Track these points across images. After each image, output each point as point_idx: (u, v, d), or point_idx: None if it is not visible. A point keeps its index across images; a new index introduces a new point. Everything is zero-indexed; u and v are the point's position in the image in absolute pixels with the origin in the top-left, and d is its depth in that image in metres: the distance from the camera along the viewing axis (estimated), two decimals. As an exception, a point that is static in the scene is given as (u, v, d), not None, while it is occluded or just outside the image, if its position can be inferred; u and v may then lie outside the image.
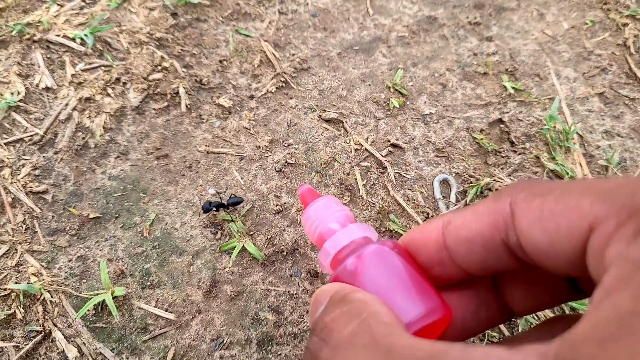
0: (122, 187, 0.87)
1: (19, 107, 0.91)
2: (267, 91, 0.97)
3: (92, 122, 0.91)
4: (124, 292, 0.79)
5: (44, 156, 0.88)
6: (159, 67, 0.96)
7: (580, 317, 0.34)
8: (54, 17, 0.98)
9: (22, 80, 0.93)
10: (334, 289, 0.33)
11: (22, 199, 0.84)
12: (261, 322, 0.77)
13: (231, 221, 0.85)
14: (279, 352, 0.75)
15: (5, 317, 0.76)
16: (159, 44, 0.99)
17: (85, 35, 0.96)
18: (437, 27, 1.10)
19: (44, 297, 0.78)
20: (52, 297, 0.78)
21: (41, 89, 0.93)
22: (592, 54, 1.09)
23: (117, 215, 0.85)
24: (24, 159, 0.87)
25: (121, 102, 0.93)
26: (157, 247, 0.83)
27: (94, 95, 0.92)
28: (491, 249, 0.32)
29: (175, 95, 0.94)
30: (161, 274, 0.81)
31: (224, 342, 0.76)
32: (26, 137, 0.89)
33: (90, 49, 0.96)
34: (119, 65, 0.96)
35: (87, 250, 0.82)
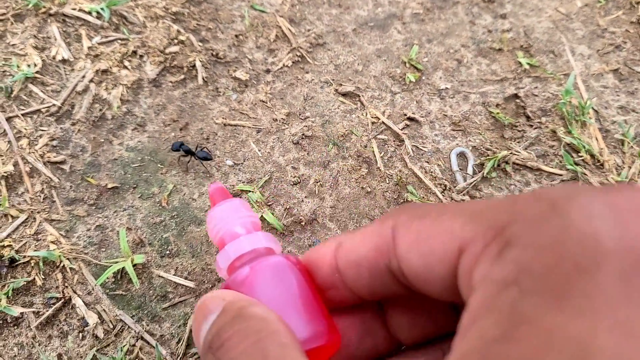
0: (139, 158, 0.87)
1: (36, 78, 0.91)
2: (284, 65, 0.97)
3: (109, 94, 0.91)
4: (143, 260, 0.79)
5: (61, 127, 0.88)
6: (176, 41, 0.96)
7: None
8: (70, -9, 0.98)
9: (39, 52, 0.93)
10: (228, 299, 0.31)
11: (40, 168, 0.84)
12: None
13: (250, 191, 0.84)
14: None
15: (24, 284, 0.76)
16: (175, 18, 0.99)
17: (101, 8, 0.96)
18: (451, 5, 1.10)
19: (64, 265, 0.78)
20: (71, 264, 0.78)
21: (58, 61, 0.93)
22: (606, 32, 1.09)
23: (135, 185, 0.85)
24: (41, 130, 0.87)
25: (138, 74, 0.93)
26: (175, 217, 0.83)
27: (110, 67, 0.92)
28: (377, 274, 0.31)
29: (191, 68, 0.94)
30: (180, 243, 0.81)
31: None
32: (43, 108, 0.89)
33: (106, 22, 0.96)
34: (135, 38, 0.96)
35: (105, 219, 0.82)
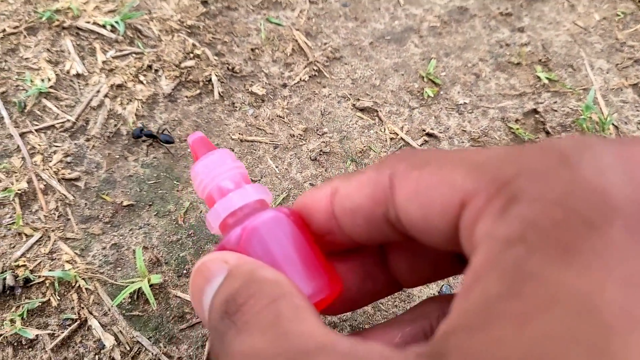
0: (155, 175, 0.86)
1: (50, 93, 0.89)
2: (300, 80, 0.96)
3: (124, 109, 0.89)
4: (160, 280, 0.77)
5: (75, 143, 0.87)
6: (191, 55, 0.94)
7: (451, 297, 0.32)
8: (84, 4, 0.97)
9: (52, 66, 0.91)
10: (231, 262, 0.30)
11: (54, 185, 0.82)
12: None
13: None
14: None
15: (39, 304, 0.74)
16: (190, 32, 0.98)
17: (116, 22, 0.94)
18: (468, 18, 1.08)
19: (79, 285, 0.76)
20: (87, 284, 0.76)
21: (72, 75, 0.91)
22: (625, 46, 1.08)
23: (150, 203, 0.83)
24: (55, 146, 0.86)
25: (153, 89, 0.91)
26: (192, 235, 0.82)
27: (125, 82, 0.91)
28: (373, 222, 0.31)
29: (207, 82, 0.93)
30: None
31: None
32: (57, 123, 0.87)
33: (121, 36, 0.95)
34: (150, 52, 0.94)
35: (121, 238, 0.81)
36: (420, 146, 0.91)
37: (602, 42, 1.08)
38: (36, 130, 0.86)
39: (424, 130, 0.93)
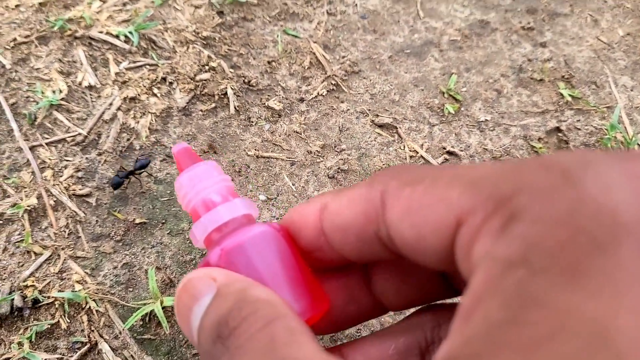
0: (168, 192, 0.83)
1: (61, 105, 0.87)
2: (318, 94, 0.93)
3: (138, 122, 0.87)
4: (173, 302, 0.74)
5: (86, 157, 0.84)
6: (206, 67, 0.92)
7: (447, 307, 0.32)
8: (97, 13, 0.94)
9: (64, 77, 0.89)
10: (220, 279, 0.29)
11: (64, 202, 0.80)
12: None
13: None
14: None
15: (48, 326, 0.72)
16: (206, 43, 0.95)
17: (130, 32, 0.92)
18: (489, 32, 1.06)
19: (90, 306, 0.73)
20: (97, 306, 0.73)
21: (84, 87, 0.89)
22: (650, 62, 1.05)
23: (163, 220, 0.81)
24: (66, 160, 0.83)
25: (167, 102, 0.89)
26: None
27: (139, 94, 0.88)
28: (365, 240, 0.30)
29: (223, 96, 0.90)
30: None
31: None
32: (68, 137, 0.85)
33: (135, 47, 0.92)
34: (164, 64, 0.92)
35: (132, 257, 0.78)
36: (441, 164, 0.88)
37: (626, 59, 1.06)
38: (47, 143, 0.84)
39: (444, 148, 0.91)
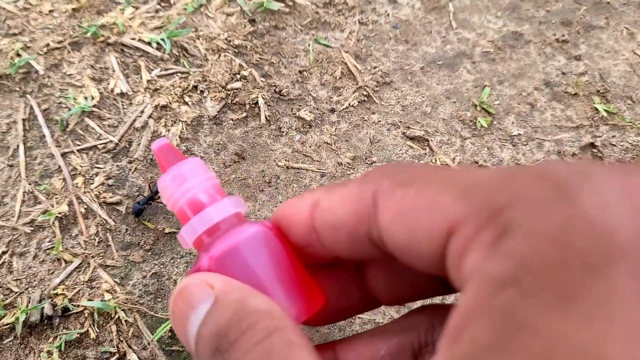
0: (198, 201, 0.82)
1: (93, 112, 0.87)
2: (349, 105, 0.92)
3: (169, 130, 0.86)
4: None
5: (117, 165, 0.84)
6: (238, 76, 0.91)
7: (442, 308, 0.32)
8: (129, 20, 0.94)
9: (96, 84, 0.89)
10: (217, 286, 0.28)
11: (95, 209, 0.80)
12: None
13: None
14: None
15: (78, 336, 0.72)
16: (237, 52, 0.95)
17: (162, 39, 0.92)
18: (523, 44, 1.04)
19: (119, 316, 0.73)
20: (126, 316, 0.73)
21: (115, 94, 0.89)
22: (687, 78, 1.03)
23: (193, 230, 0.80)
24: (97, 168, 0.83)
25: (198, 111, 0.88)
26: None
27: (170, 102, 0.88)
28: (356, 239, 0.29)
29: (254, 105, 0.90)
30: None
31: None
32: (100, 144, 0.85)
33: (167, 55, 0.92)
34: (196, 72, 0.91)
35: (161, 267, 0.78)
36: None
37: (663, 74, 1.03)
38: (78, 150, 0.84)
39: (476, 162, 0.89)
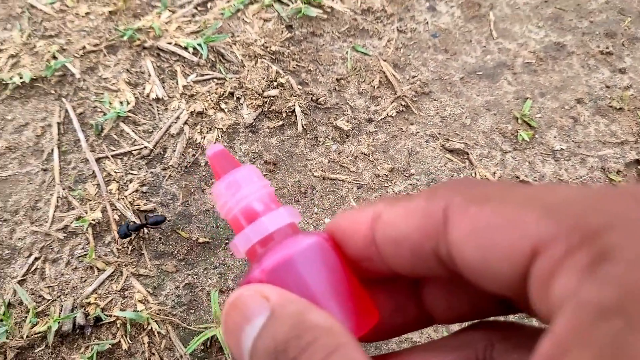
0: (232, 211, 0.81)
1: (128, 117, 0.86)
2: (387, 115, 0.90)
3: (204, 138, 0.85)
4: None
5: (151, 172, 0.83)
6: (275, 83, 0.89)
7: (500, 326, 0.31)
8: (165, 24, 0.93)
9: (132, 89, 0.88)
10: (273, 299, 0.27)
11: (129, 217, 0.78)
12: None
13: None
14: None
15: (110, 347, 0.70)
16: (274, 58, 0.93)
17: (198, 44, 0.90)
18: (565, 55, 1.01)
19: (151, 327, 0.72)
20: (159, 327, 0.72)
21: (151, 99, 0.87)
22: None
23: (227, 241, 0.79)
24: (132, 174, 0.82)
25: (234, 118, 0.87)
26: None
27: (206, 109, 0.87)
28: (420, 256, 0.27)
29: (290, 114, 0.88)
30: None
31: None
32: (134, 150, 0.84)
33: (203, 60, 0.91)
34: (232, 78, 0.90)
35: (195, 277, 0.76)
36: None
37: None
38: (112, 155, 0.83)
39: (517, 177, 0.87)
